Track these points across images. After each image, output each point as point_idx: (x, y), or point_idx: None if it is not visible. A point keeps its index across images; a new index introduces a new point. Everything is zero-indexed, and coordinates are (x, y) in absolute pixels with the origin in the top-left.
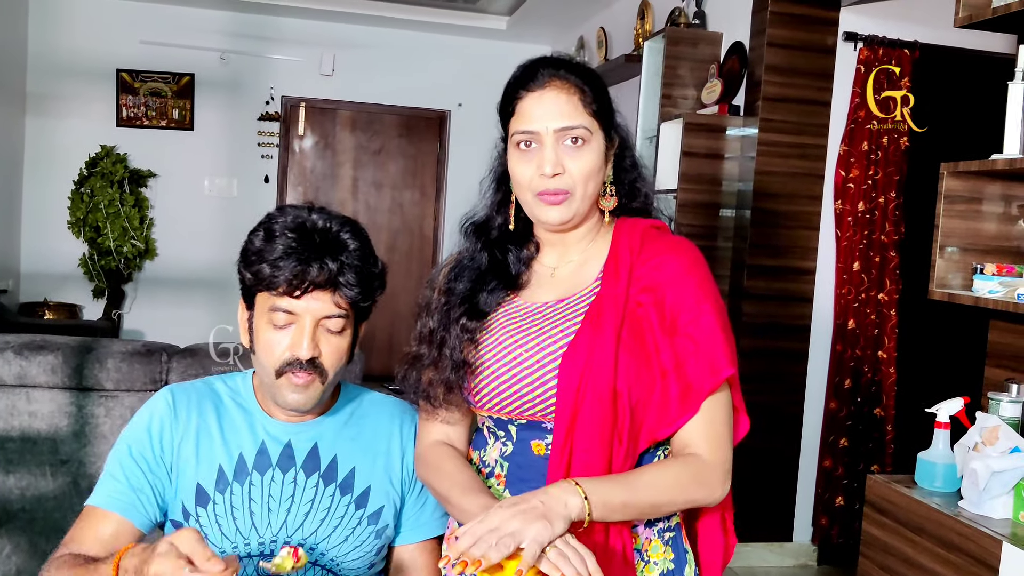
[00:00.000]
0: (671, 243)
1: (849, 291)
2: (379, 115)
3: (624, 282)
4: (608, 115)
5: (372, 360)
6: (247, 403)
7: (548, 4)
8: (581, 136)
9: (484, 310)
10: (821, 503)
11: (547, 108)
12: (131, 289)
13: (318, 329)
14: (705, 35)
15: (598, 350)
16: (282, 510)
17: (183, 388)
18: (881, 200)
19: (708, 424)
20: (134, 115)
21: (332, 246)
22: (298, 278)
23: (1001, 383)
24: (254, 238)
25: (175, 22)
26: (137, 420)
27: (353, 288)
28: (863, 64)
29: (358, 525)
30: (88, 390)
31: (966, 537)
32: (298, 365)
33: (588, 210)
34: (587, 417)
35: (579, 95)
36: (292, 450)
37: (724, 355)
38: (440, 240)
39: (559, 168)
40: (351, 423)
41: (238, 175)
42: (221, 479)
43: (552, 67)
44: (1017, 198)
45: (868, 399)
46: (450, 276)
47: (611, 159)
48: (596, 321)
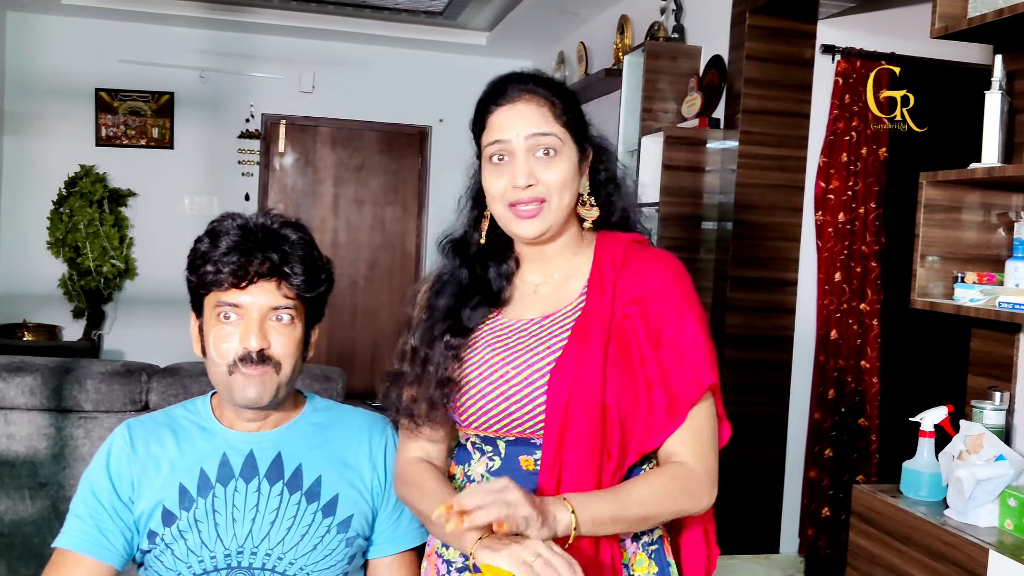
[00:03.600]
0: (653, 256)
1: (831, 301)
2: (360, 131)
3: (609, 296)
4: (580, 126)
5: (354, 378)
6: (206, 422)
7: (527, 20)
8: (552, 146)
9: (468, 326)
10: (807, 514)
11: (517, 119)
12: (111, 309)
13: (266, 322)
14: (684, 49)
15: (586, 365)
16: (247, 520)
17: (140, 422)
18: (861, 211)
19: (693, 434)
20: (113, 134)
21: (274, 239)
22: (242, 269)
23: (984, 391)
24: (199, 244)
25: (154, 41)
26: (97, 459)
27: (298, 277)
28: (841, 76)
29: (327, 533)
30: (67, 411)
31: (952, 546)
32: (248, 359)
33: (564, 221)
34: (576, 432)
35: (549, 106)
36: (255, 459)
37: (707, 364)
38: (422, 256)
39: (531, 179)
40: (317, 433)
41: (218, 193)
42: (185, 497)
43: (521, 82)
44: (996, 206)
45: (852, 409)
46: (431, 292)
47: (585, 171)
48: (583, 336)
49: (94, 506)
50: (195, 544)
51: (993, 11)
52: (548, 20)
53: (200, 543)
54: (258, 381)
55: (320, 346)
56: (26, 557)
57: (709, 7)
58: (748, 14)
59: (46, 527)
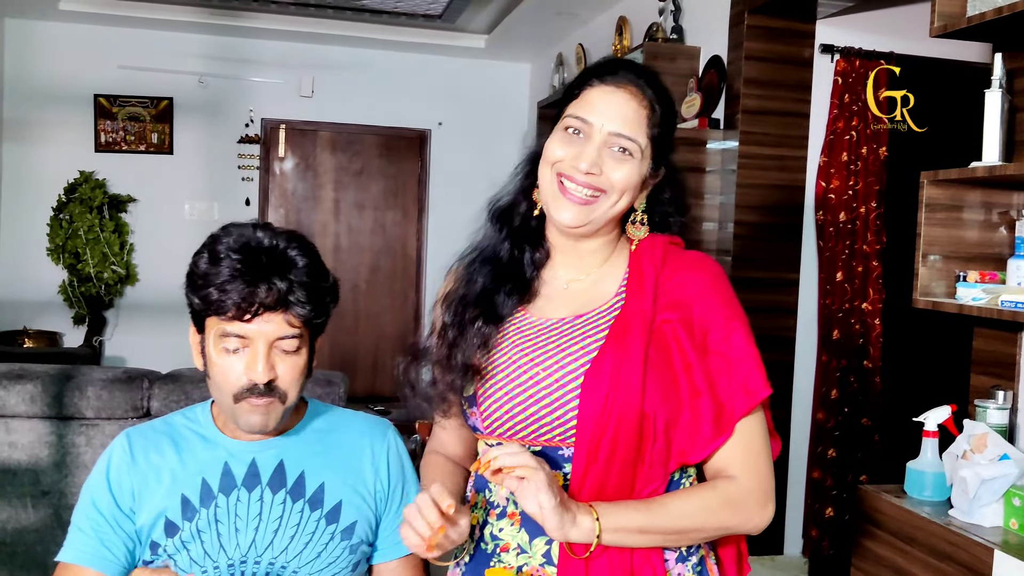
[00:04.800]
0: (693, 259)
1: (833, 301)
2: (359, 135)
3: (650, 297)
4: (665, 143)
5: (356, 382)
6: (206, 431)
7: (526, 22)
8: (629, 149)
9: (501, 314)
10: (811, 515)
11: (612, 106)
12: (112, 315)
13: (272, 351)
14: (683, 49)
15: (625, 369)
16: (250, 529)
17: (140, 430)
18: (862, 210)
19: (744, 447)
20: (112, 140)
21: (279, 265)
22: (246, 301)
23: (987, 390)
24: (199, 260)
25: (153, 46)
26: (97, 470)
27: (305, 306)
28: (840, 76)
29: (330, 540)
30: (68, 419)
31: (957, 546)
32: (256, 391)
33: (608, 222)
34: (611, 441)
35: (648, 111)
36: (257, 468)
37: (758, 375)
38: (424, 260)
39: (595, 169)
40: (319, 439)
41: (219, 198)
42: (187, 507)
43: (635, 73)
44: (997, 205)
45: (855, 409)
46: (471, 267)
47: (648, 189)
48: (621, 338)
49: (95, 518)
50: (198, 554)
51: (992, 9)
52: (546, 22)
53: (203, 553)
54: (263, 411)
55: (322, 350)
56: (28, 566)
57: (707, 7)
58: (747, 14)
59: (49, 535)
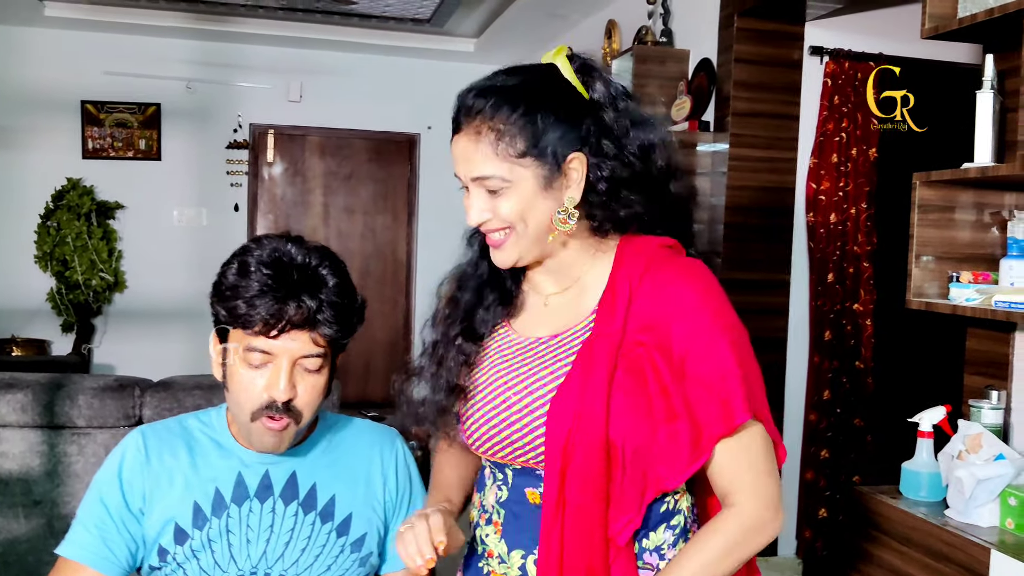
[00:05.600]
0: (680, 269)
1: (824, 303)
2: (348, 140)
3: (620, 319)
4: (548, 142)
5: (348, 388)
6: (221, 437)
7: (515, 26)
8: (494, 187)
9: (480, 331)
10: (804, 516)
11: (460, 155)
12: (101, 323)
13: (295, 368)
14: (673, 52)
15: (589, 396)
16: (261, 541)
17: (155, 429)
18: (852, 211)
19: (748, 464)
20: (100, 146)
21: (310, 283)
22: (275, 318)
23: (981, 390)
24: (228, 271)
25: (140, 52)
26: (108, 465)
27: (332, 326)
28: (829, 77)
29: (340, 553)
30: (60, 428)
31: (954, 546)
32: (274, 408)
33: (540, 247)
34: (578, 468)
35: (492, 137)
36: (270, 479)
37: (739, 398)
38: (413, 264)
39: (484, 215)
40: (329, 451)
41: (207, 204)
42: (199, 515)
43: (467, 108)
44: (990, 205)
45: (847, 410)
46: (455, 285)
47: (572, 182)
48: (587, 364)
49: (101, 515)
50: (208, 564)
51: (983, 11)
52: (535, 25)
53: (213, 563)
54: (277, 434)
55: None
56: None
57: (697, 10)
58: (736, 17)
59: (41, 545)
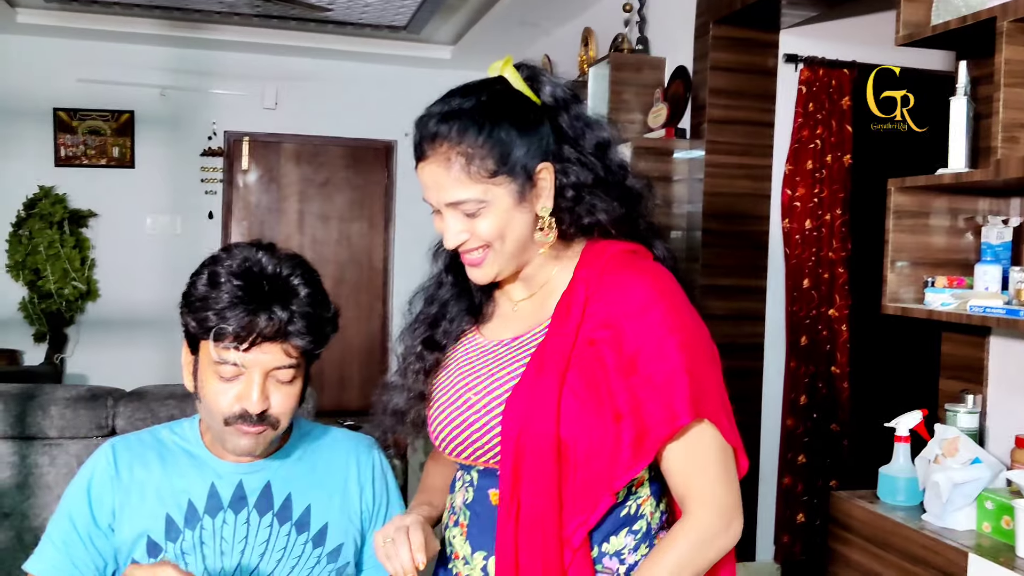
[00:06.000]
0: (637, 271)
1: (800, 308)
2: (324, 147)
3: (575, 320)
4: (517, 157)
5: (324, 396)
6: (194, 448)
7: (491, 33)
8: (470, 210)
9: (439, 342)
10: (783, 521)
11: (431, 182)
12: (74, 332)
13: (268, 380)
14: (649, 60)
15: (539, 396)
16: (236, 552)
17: (126, 441)
18: (827, 217)
19: (699, 469)
20: (72, 154)
21: (281, 293)
22: (246, 330)
23: (957, 394)
24: (197, 282)
25: (113, 59)
26: (77, 481)
27: (304, 337)
28: (804, 85)
29: (316, 564)
30: (31, 439)
31: (931, 550)
32: (249, 419)
33: (518, 259)
34: (531, 468)
35: (462, 162)
36: (244, 490)
37: (684, 400)
38: (390, 271)
39: (462, 236)
40: (304, 460)
41: (181, 212)
42: (171, 528)
43: (429, 133)
44: (963, 211)
45: (824, 415)
46: (422, 300)
47: (543, 193)
48: (539, 364)
49: (68, 531)
50: None
51: (956, 18)
52: (512, 33)
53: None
54: (253, 438)
55: None
56: None
57: (672, 18)
58: (711, 25)
59: (10, 558)
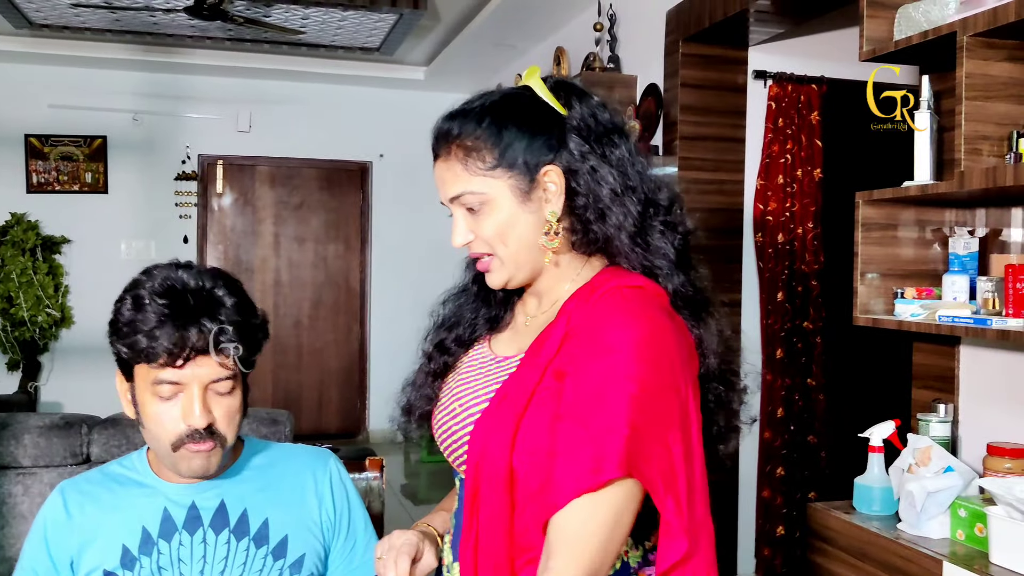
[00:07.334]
0: (622, 313)
1: (775, 321)
2: (299, 169)
3: (548, 355)
4: (518, 153)
5: (302, 420)
6: (144, 477)
7: (464, 54)
8: (471, 204)
9: (449, 347)
10: (762, 534)
11: (439, 178)
12: (47, 360)
13: (207, 393)
14: (620, 78)
15: (498, 426)
16: (195, 572)
17: (75, 483)
18: (800, 231)
19: (580, 533)
20: (45, 180)
21: (207, 306)
22: (178, 346)
23: (929, 404)
24: (122, 307)
25: (85, 85)
26: (34, 531)
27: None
28: (773, 100)
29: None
30: (4, 468)
31: (907, 559)
32: (196, 436)
33: (529, 265)
34: (487, 495)
35: (461, 155)
36: (198, 510)
37: (615, 454)
38: (367, 292)
39: (467, 236)
40: (259, 476)
41: (156, 237)
42: (127, 557)
43: (439, 134)
44: (931, 222)
45: (800, 427)
46: (445, 302)
47: (552, 196)
48: (503, 394)
49: None
50: None
51: (918, 33)
52: (485, 53)
53: None
54: (205, 456)
55: (265, 388)
56: None
57: (643, 37)
58: (681, 42)
59: None
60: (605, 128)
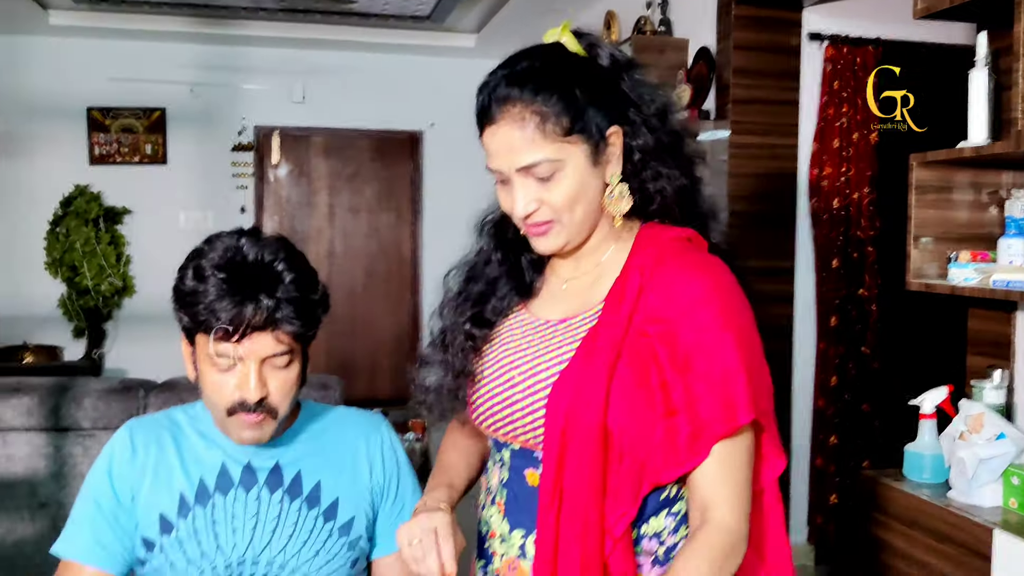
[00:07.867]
0: (692, 263)
1: (829, 289)
2: (352, 139)
3: (628, 310)
4: (590, 117)
5: (355, 386)
6: (207, 428)
7: (514, 20)
8: (544, 173)
9: (490, 319)
10: (816, 502)
11: (501, 145)
12: (112, 327)
13: (264, 367)
14: (671, 41)
15: (588, 384)
16: (247, 529)
17: (141, 423)
18: (855, 196)
19: (731, 481)
20: (106, 152)
21: (266, 281)
22: (234, 322)
23: (983, 370)
24: (184, 277)
25: (143, 57)
26: (98, 463)
27: (294, 323)
28: (830, 62)
29: (328, 538)
30: (65, 430)
31: (957, 527)
32: (249, 407)
33: (587, 229)
34: (575, 455)
35: (536, 121)
36: (253, 469)
37: (744, 398)
38: (419, 262)
39: (532, 205)
40: (313, 439)
41: (214, 207)
42: (183, 506)
43: (501, 95)
44: (986, 185)
45: (855, 395)
46: (464, 276)
47: (614, 157)
48: (589, 351)
49: (92, 512)
50: (195, 554)
51: None
52: (535, 19)
53: (200, 553)
54: (256, 427)
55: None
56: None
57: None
58: (733, 4)
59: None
60: (642, 83)
